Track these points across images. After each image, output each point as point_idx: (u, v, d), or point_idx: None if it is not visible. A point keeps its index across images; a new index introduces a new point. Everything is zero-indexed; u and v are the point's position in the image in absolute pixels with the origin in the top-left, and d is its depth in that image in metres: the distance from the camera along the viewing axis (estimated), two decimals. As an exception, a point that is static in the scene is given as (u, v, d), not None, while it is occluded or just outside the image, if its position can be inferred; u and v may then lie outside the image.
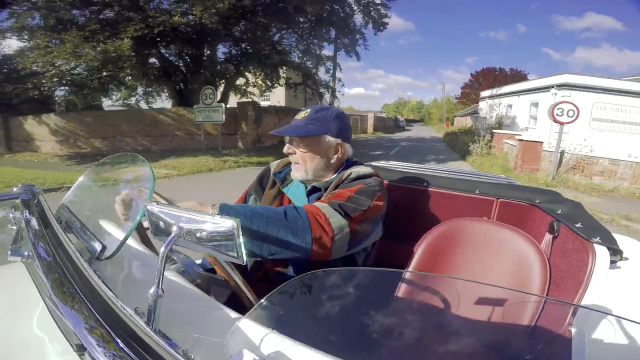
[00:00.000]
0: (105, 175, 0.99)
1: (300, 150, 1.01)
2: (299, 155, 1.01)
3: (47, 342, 0.45)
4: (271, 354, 0.48)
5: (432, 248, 1.08)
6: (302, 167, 1.02)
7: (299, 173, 1.03)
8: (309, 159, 1.01)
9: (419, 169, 2.03)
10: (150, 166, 0.74)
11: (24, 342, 0.46)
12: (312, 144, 1.01)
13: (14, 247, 0.67)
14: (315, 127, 1.00)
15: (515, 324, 0.84)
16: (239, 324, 0.51)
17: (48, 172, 7.21)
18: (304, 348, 0.49)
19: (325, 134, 1.01)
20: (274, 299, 0.61)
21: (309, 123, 1.00)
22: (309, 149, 1.01)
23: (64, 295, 0.51)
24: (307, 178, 1.03)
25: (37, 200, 0.89)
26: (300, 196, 1.05)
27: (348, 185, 0.97)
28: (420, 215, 1.60)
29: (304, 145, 1.01)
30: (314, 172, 1.03)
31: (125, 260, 0.74)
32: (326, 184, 1.02)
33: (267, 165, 1.20)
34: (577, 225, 1.01)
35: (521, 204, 1.44)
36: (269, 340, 0.51)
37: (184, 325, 0.55)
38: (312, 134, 1.00)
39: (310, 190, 1.04)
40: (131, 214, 0.77)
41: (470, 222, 1.12)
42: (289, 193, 1.08)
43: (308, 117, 1.01)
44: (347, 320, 0.75)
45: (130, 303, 0.50)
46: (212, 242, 0.50)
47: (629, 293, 0.95)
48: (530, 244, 1.03)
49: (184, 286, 0.66)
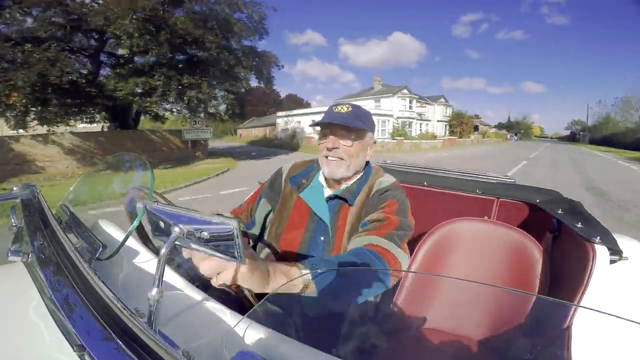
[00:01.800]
0: (105, 175, 0.99)
1: (346, 145, 0.98)
2: (343, 151, 0.98)
3: (46, 342, 0.45)
4: (271, 353, 0.48)
5: (433, 248, 1.08)
6: (345, 162, 0.98)
7: (340, 169, 0.99)
8: (355, 154, 0.99)
9: (419, 169, 2.03)
10: (150, 166, 0.74)
11: (24, 342, 0.46)
12: (360, 140, 0.99)
13: (14, 247, 0.67)
14: (363, 124, 0.98)
15: (516, 324, 0.84)
16: (239, 324, 0.51)
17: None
18: (303, 348, 0.49)
19: (369, 131, 1.02)
20: (274, 299, 0.61)
21: (356, 119, 0.97)
22: (358, 145, 0.99)
23: (63, 295, 0.51)
24: (348, 175, 1.01)
25: (37, 200, 0.89)
26: (319, 201, 1.02)
27: (381, 200, 0.96)
28: (421, 215, 1.60)
29: (353, 140, 0.98)
30: (355, 168, 1.01)
31: (125, 261, 0.74)
32: (351, 193, 1.00)
33: (279, 168, 1.17)
34: (577, 225, 1.01)
35: (521, 203, 1.44)
36: (269, 340, 0.51)
37: (184, 325, 0.55)
38: (364, 129, 0.99)
39: (331, 197, 1.02)
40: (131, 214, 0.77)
41: (470, 222, 1.12)
42: (306, 198, 1.04)
43: (354, 113, 0.98)
44: (347, 320, 0.75)
45: (131, 303, 0.50)
46: (213, 242, 0.50)
47: (629, 293, 0.95)
48: (530, 244, 1.03)
49: (184, 286, 0.66)
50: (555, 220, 1.20)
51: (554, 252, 1.17)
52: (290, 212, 1.05)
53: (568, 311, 0.74)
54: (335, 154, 0.98)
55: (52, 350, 0.44)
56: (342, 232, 0.97)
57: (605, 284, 0.85)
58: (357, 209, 0.98)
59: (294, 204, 1.06)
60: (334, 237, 0.97)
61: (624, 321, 0.45)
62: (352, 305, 0.79)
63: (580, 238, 0.94)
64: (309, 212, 1.02)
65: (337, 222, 0.99)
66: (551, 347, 0.75)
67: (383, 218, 0.91)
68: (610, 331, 0.62)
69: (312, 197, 1.04)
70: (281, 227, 1.04)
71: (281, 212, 1.07)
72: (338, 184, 1.04)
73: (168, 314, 0.56)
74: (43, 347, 0.45)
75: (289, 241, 1.01)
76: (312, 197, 1.04)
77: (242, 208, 1.18)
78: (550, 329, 0.75)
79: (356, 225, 0.96)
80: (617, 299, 0.91)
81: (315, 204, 1.02)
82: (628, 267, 0.94)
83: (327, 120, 0.97)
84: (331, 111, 1.00)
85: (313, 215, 1.01)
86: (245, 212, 1.16)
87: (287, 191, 1.09)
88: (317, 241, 0.98)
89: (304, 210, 1.03)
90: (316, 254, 0.97)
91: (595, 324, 0.67)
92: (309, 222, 1.01)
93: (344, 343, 0.68)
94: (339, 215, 0.99)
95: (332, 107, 1.02)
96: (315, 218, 1.01)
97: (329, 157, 0.99)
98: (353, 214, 0.98)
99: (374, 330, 0.90)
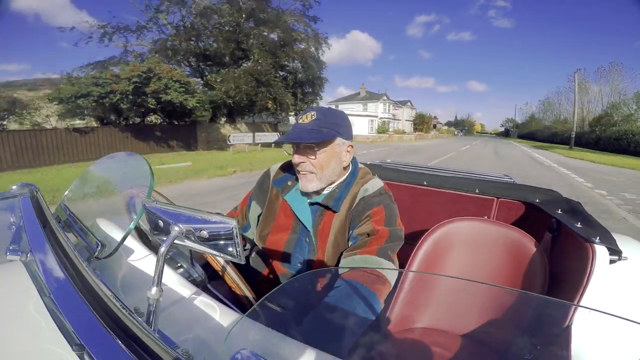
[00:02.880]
0: (104, 174, 0.99)
1: (311, 158, 0.94)
2: (310, 164, 0.94)
3: (45, 341, 0.45)
4: (271, 353, 0.48)
5: (433, 248, 1.08)
6: (316, 176, 0.95)
7: (311, 184, 0.95)
8: (324, 165, 0.95)
9: (419, 169, 2.03)
10: (149, 164, 0.74)
11: (22, 341, 0.46)
12: (326, 149, 0.94)
13: (13, 246, 0.67)
14: (329, 131, 0.93)
15: (515, 324, 0.84)
16: (239, 324, 0.51)
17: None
18: (303, 347, 0.49)
19: (339, 136, 0.96)
20: (274, 299, 0.61)
21: (322, 127, 0.92)
22: (324, 155, 0.94)
23: (63, 294, 0.51)
24: (321, 187, 0.97)
25: (35, 199, 0.89)
26: (302, 206, 1.01)
27: (366, 209, 0.94)
28: (420, 215, 1.60)
29: (318, 151, 0.93)
30: (328, 178, 0.97)
31: (124, 260, 0.74)
32: (333, 199, 0.97)
33: (267, 170, 1.14)
34: (576, 225, 1.01)
35: (521, 203, 1.44)
36: (269, 340, 0.51)
37: (184, 325, 0.55)
38: (328, 138, 0.93)
39: (313, 203, 1.00)
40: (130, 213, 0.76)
41: (470, 222, 1.12)
42: (290, 200, 1.02)
43: (318, 121, 0.93)
44: (347, 320, 0.75)
45: (130, 302, 0.50)
46: (212, 241, 0.50)
47: (629, 293, 0.95)
48: (530, 244, 1.03)
49: (183, 286, 0.66)
50: (554, 220, 1.20)
51: (554, 251, 1.17)
52: (277, 214, 1.05)
53: (568, 311, 0.74)
54: (304, 169, 0.95)
55: (51, 349, 0.43)
56: (325, 237, 0.96)
57: (605, 284, 0.85)
58: (342, 216, 0.96)
59: (279, 205, 1.05)
60: (317, 241, 0.97)
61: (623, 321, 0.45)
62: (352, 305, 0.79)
63: (580, 238, 0.94)
64: (294, 214, 1.01)
65: (319, 226, 0.97)
66: (551, 347, 0.75)
67: (372, 231, 0.90)
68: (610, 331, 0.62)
69: (296, 201, 1.02)
70: (267, 229, 1.04)
71: (268, 214, 1.07)
72: (317, 193, 1.00)
73: (167, 313, 0.56)
74: (42, 347, 0.45)
75: (275, 242, 1.01)
76: (295, 200, 1.02)
77: (237, 211, 1.18)
78: (550, 329, 0.75)
79: (341, 234, 0.95)
80: (616, 299, 0.91)
81: (298, 207, 1.01)
82: (627, 267, 0.94)
83: (284, 140, 0.95)
84: (296, 123, 0.97)
85: (298, 218, 1.01)
86: (240, 214, 1.15)
87: (273, 193, 1.08)
88: (303, 243, 0.99)
89: (289, 212, 1.02)
90: (300, 256, 0.98)
91: (595, 323, 0.67)
92: (294, 224, 1.01)
93: (344, 343, 0.68)
94: (322, 220, 0.98)
95: (297, 118, 0.98)
96: (300, 221, 1.00)
97: (300, 172, 0.97)
98: (338, 221, 0.96)
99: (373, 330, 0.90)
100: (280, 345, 0.49)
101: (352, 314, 0.75)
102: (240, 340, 0.48)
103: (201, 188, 6.47)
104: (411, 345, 0.95)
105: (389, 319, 0.95)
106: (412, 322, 1.01)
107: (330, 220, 0.97)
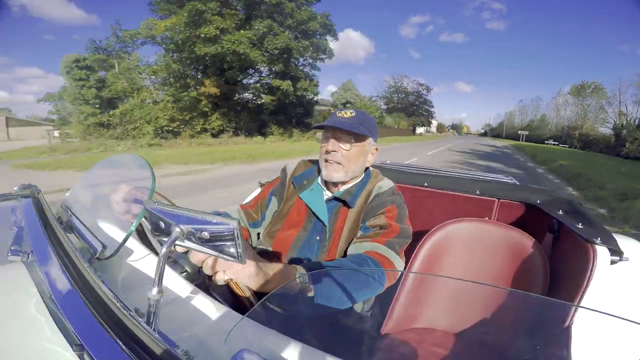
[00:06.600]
0: (106, 175, 0.99)
1: (343, 149, 0.99)
2: (341, 155, 0.99)
3: (46, 341, 0.45)
4: (271, 353, 0.48)
5: (434, 248, 1.08)
6: (343, 167, 1.00)
7: (337, 173, 1.00)
8: (352, 159, 1.00)
9: (419, 169, 2.03)
10: (150, 166, 0.74)
11: (23, 342, 0.46)
12: (359, 145, 1.01)
13: (14, 247, 0.67)
14: (365, 129, 0.99)
15: (515, 324, 0.84)
16: (239, 324, 0.51)
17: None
18: (303, 347, 0.49)
19: (371, 137, 1.03)
20: (274, 299, 0.61)
21: (360, 124, 0.99)
22: (356, 150, 1.00)
23: (63, 295, 0.51)
24: (344, 179, 1.02)
25: (37, 200, 0.89)
26: (318, 203, 1.03)
27: (381, 205, 0.97)
28: (421, 216, 1.59)
29: (352, 144, 1.00)
30: (353, 173, 1.02)
31: (125, 261, 0.74)
32: (350, 195, 1.02)
33: (285, 167, 1.19)
34: (577, 225, 1.01)
35: (522, 204, 1.44)
36: (269, 340, 0.51)
37: (184, 325, 0.55)
38: (364, 134, 1.00)
39: (330, 199, 1.03)
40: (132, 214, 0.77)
41: (471, 223, 1.12)
42: (306, 198, 1.05)
43: (356, 118, 1.00)
44: (347, 320, 0.75)
45: (131, 303, 0.50)
46: (213, 242, 0.50)
47: (629, 293, 0.95)
48: (530, 245, 1.03)
49: (184, 286, 0.66)
50: (555, 221, 1.20)
51: (555, 252, 1.16)
52: (289, 211, 1.06)
53: (568, 311, 0.74)
54: (334, 158, 1.00)
55: (51, 349, 0.44)
56: (339, 233, 0.98)
57: (606, 285, 0.84)
58: (356, 211, 0.99)
59: (293, 203, 1.07)
60: (331, 238, 0.98)
61: (624, 321, 0.45)
62: (351, 306, 0.79)
63: (581, 239, 0.94)
64: (308, 212, 1.03)
65: (335, 223, 1.00)
66: (551, 347, 0.75)
67: (386, 224, 0.93)
68: (610, 331, 0.62)
69: (312, 198, 1.05)
70: (278, 225, 1.06)
71: (282, 210, 1.09)
72: (336, 187, 1.05)
73: (168, 313, 0.56)
74: (43, 347, 0.45)
75: (283, 239, 1.02)
76: (311, 198, 1.05)
77: (250, 204, 1.19)
78: (550, 329, 0.74)
79: (354, 229, 0.97)
80: (617, 300, 0.91)
81: (314, 204, 1.03)
82: (628, 267, 0.94)
83: (328, 124, 0.99)
84: (334, 116, 1.02)
85: (311, 216, 1.02)
86: (255, 208, 1.17)
87: (290, 190, 1.11)
88: (312, 241, 0.99)
89: (302, 210, 1.05)
90: (309, 253, 0.99)
91: (595, 324, 0.67)
92: (306, 221, 1.03)
93: (344, 343, 0.68)
94: (338, 217, 1.01)
95: (335, 112, 1.04)
96: (313, 218, 1.02)
97: (328, 160, 1.00)
98: (352, 216, 0.99)
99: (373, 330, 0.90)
100: (280, 346, 0.49)
101: (362, 277, 0.79)
102: (240, 341, 0.48)
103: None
104: (411, 345, 0.95)
105: (390, 319, 0.95)
106: (412, 322, 1.01)
107: (345, 216, 1.00)
